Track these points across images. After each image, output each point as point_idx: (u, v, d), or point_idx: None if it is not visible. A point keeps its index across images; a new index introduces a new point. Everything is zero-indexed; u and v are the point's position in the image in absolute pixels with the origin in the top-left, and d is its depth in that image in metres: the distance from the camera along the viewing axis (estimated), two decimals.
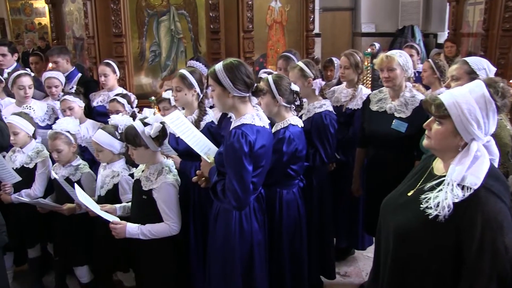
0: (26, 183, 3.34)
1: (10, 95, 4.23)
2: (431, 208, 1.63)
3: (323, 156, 3.15)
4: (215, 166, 2.50)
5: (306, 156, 3.16)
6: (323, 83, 3.31)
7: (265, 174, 2.49)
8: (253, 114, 2.41)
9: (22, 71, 3.95)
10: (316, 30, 8.06)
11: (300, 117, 3.38)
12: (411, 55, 5.38)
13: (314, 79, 3.24)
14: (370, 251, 4.05)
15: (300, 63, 3.30)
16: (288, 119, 2.85)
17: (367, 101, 3.36)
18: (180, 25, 4.80)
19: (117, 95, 3.91)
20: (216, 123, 3.17)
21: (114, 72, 4.27)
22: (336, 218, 3.64)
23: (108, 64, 4.24)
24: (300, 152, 2.63)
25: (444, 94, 1.69)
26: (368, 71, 4.86)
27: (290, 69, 3.37)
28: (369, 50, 6.26)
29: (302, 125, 2.89)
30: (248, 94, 2.42)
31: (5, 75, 4.10)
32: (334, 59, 5.13)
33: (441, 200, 1.60)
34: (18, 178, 3.25)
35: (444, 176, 1.67)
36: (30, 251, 3.63)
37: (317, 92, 3.28)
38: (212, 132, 3.06)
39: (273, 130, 2.81)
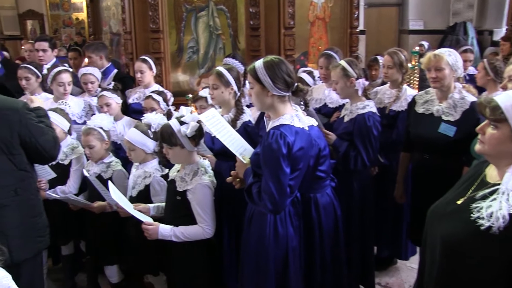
0: (61, 180, 3.46)
1: (47, 90, 4.39)
2: (483, 218, 1.58)
3: (365, 159, 3.11)
4: (250, 167, 2.51)
5: (348, 158, 3.13)
6: (367, 83, 3.27)
7: (301, 177, 2.48)
8: (292, 115, 2.41)
9: (62, 68, 4.07)
10: (361, 27, 7.98)
11: (342, 118, 3.36)
12: (467, 60, 5.26)
13: (357, 78, 3.21)
14: (413, 262, 3.97)
15: (343, 62, 3.27)
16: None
17: (412, 103, 3.30)
18: (219, 21, 4.85)
19: (153, 92, 3.98)
20: (253, 122, 3.19)
21: (151, 68, 4.36)
22: (377, 225, 3.58)
23: (144, 61, 4.33)
24: (324, 150, 2.60)
25: (500, 96, 1.64)
26: (416, 71, 4.77)
27: (332, 68, 3.34)
28: (417, 48, 6.13)
29: (316, 124, 2.85)
30: (288, 94, 2.42)
31: (45, 71, 4.24)
32: (379, 57, 5.06)
33: (495, 210, 1.56)
34: (53, 175, 3.36)
35: (499, 184, 1.62)
36: (63, 248, 3.75)
37: (360, 93, 3.25)
38: (249, 132, 3.08)
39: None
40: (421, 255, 1.98)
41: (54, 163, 3.43)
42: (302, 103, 2.85)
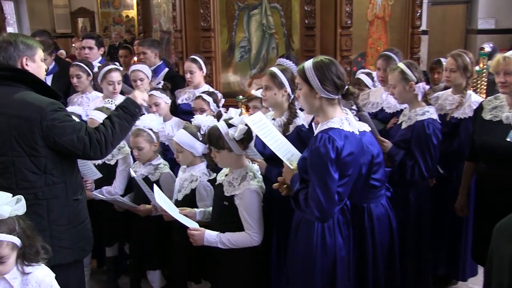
0: (107, 180, 3.60)
1: (97, 89, 4.56)
2: None
3: (423, 170, 3.06)
4: (298, 173, 2.53)
5: (404, 168, 3.08)
6: (427, 87, 3.21)
7: (351, 184, 2.47)
8: (341, 118, 2.42)
9: (112, 66, 4.21)
10: (423, 27, 7.78)
11: (400, 124, 3.31)
12: None
13: (416, 82, 3.16)
14: (474, 283, 3.86)
15: (401, 65, 3.24)
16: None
17: (479, 109, 3.22)
18: (272, 20, 4.88)
19: (203, 92, 4.06)
20: (307, 126, 3.19)
21: (201, 68, 4.44)
22: (434, 241, 3.50)
23: (194, 61, 4.42)
24: (377, 157, 2.56)
25: None
26: (484, 75, 4.62)
27: (390, 71, 3.31)
28: (487, 50, 5.92)
29: (369, 129, 2.81)
30: (337, 96, 2.44)
31: (95, 69, 4.39)
32: (442, 60, 4.93)
33: None
34: (98, 175, 3.50)
35: None
36: (107, 249, 3.89)
37: (419, 98, 3.20)
38: (302, 137, 3.08)
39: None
40: (486, 276, 1.93)
41: (100, 162, 3.57)
42: (354, 107, 2.83)
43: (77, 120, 2.86)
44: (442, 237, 3.68)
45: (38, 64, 2.68)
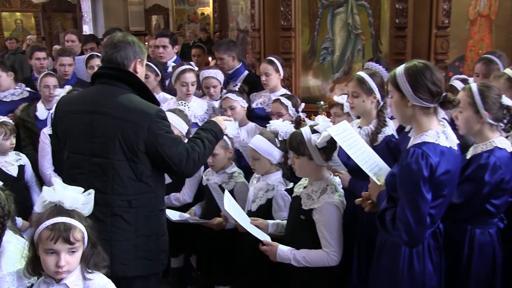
0: (176, 186, 3.67)
1: (165, 90, 4.69)
2: None
3: None
4: (385, 189, 2.48)
5: None
6: None
7: (446, 206, 2.40)
8: (438, 131, 2.34)
9: (187, 67, 4.29)
10: None
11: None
12: None
13: None
14: None
15: (508, 71, 3.08)
16: (493, 140, 2.68)
17: None
18: (358, 19, 4.84)
19: (282, 95, 4.05)
20: (397, 136, 3.14)
21: (277, 71, 4.44)
22: None
23: (271, 62, 4.42)
24: (507, 183, 2.45)
25: None
26: None
27: (494, 78, 3.17)
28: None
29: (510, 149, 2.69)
30: (433, 105, 2.36)
31: (170, 68, 4.51)
32: None
33: None
34: (168, 180, 3.58)
35: None
36: (173, 260, 3.98)
37: None
38: (391, 148, 3.04)
39: (471, 153, 2.69)
40: None
41: None
42: (506, 121, 2.74)
43: None
44: None
45: (144, 69, 2.86)
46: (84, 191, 2.22)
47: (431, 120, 2.38)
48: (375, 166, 2.63)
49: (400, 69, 2.38)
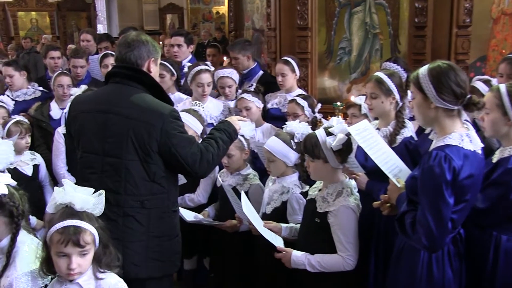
0: (190, 187, 3.68)
1: (181, 89, 4.71)
2: None
3: None
4: (405, 192, 2.45)
5: None
6: None
7: (468, 211, 2.38)
8: (462, 134, 2.32)
9: (203, 67, 4.30)
10: None
11: None
12: None
13: None
14: None
15: None
16: None
17: None
18: (377, 18, 4.81)
19: (298, 96, 4.04)
20: (416, 138, 3.12)
21: (294, 71, 4.43)
22: None
23: (286, 62, 4.40)
24: None
25: None
26: None
27: None
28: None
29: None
30: (456, 107, 2.34)
31: (185, 68, 4.52)
32: None
33: None
34: (183, 180, 3.59)
35: None
36: (186, 262, 3.98)
37: None
38: (410, 150, 3.02)
39: (498, 156, 2.64)
40: None
41: None
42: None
43: None
44: None
45: (157, 68, 2.88)
46: (94, 192, 2.25)
47: (455, 123, 2.36)
48: (395, 168, 2.61)
49: (423, 70, 2.37)
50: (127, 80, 2.72)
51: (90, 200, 2.21)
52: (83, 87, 4.03)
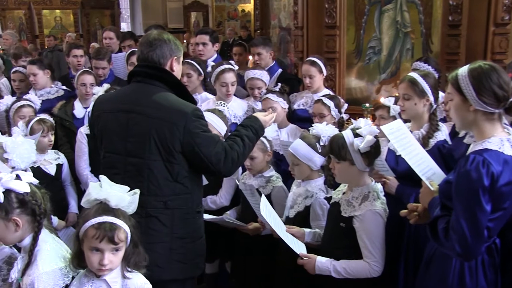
0: (213, 188, 3.69)
1: (208, 89, 4.74)
2: None
3: None
4: (438, 196, 2.41)
5: None
6: None
7: (505, 220, 2.33)
8: (502, 138, 2.27)
9: (226, 66, 4.32)
10: None
11: None
12: None
13: None
14: None
15: None
16: None
17: None
18: (408, 16, 4.76)
19: (324, 96, 4.04)
20: (450, 142, 3.09)
21: (321, 71, 4.42)
22: None
23: (313, 63, 4.40)
24: None
25: None
26: None
27: None
28: None
29: None
30: (497, 111, 2.29)
31: (209, 68, 4.55)
32: None
33: None
34: (205, 181, 3.62)
35: None
36: (208, 265, 3.99)
37: None
38: (443, 154, 2.99)
39: None
40: None
41: None
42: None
43: None
44: None
45: (180, 67, 2.91)
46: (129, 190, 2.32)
47: (495, 127, 2.31)
48: (428, 170, 2.56)
49: (463, 71, 2.32)
50: (149, 79, 2.75)
51: (126, 198, 2.29)
52: (106, 86, 4.08)
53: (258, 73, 4.50)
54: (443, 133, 3.10)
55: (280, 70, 5.15)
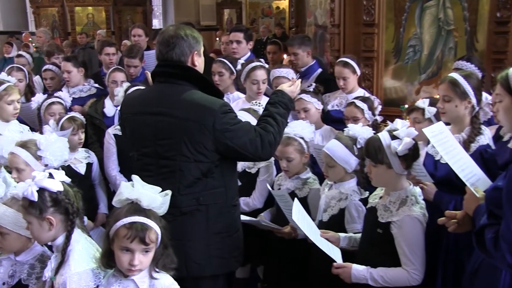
0: (247, 190, 3.69)
1: (240, 89, 4.75)
2: None
3: None
4: (484, 204, 2.35)
5: None
6: None
7: None
8: None
9: (257, 63, 4.34)
10: None
11: None
12: None
13: None
14: None
15: None
16: None
17: None
18: (451, 13, 4.69)
19: (356, 98, 4.02)
20: (493, 146, 3.04)
21: (355, 72, 4.40)
22: None
23: (346, 64, 4.37)
24: None
25: None
26: None
27: None
28: None
29: None
30: None
31: (239, 66, 4.57)
32: None
33: None
34: (238, 183, 3.64)
35: None
36: (239, 270, 4.00)
37: None
38: (485, 159, 2.95)
39: None
40: None
41: (240, 170, 3.69)
42: None
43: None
44: None
45: (202, 58, 2.92)
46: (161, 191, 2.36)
47: None
48: (472, 176, 2.51)
49: None
50: (173, 78, 2.78)
51: (157, 199, 2.33)
52: (125, 85, 4.14)
53: (284, 71, 4.50)
54: (486, 137, 3.04)
55: (320, 70, 5.13)
